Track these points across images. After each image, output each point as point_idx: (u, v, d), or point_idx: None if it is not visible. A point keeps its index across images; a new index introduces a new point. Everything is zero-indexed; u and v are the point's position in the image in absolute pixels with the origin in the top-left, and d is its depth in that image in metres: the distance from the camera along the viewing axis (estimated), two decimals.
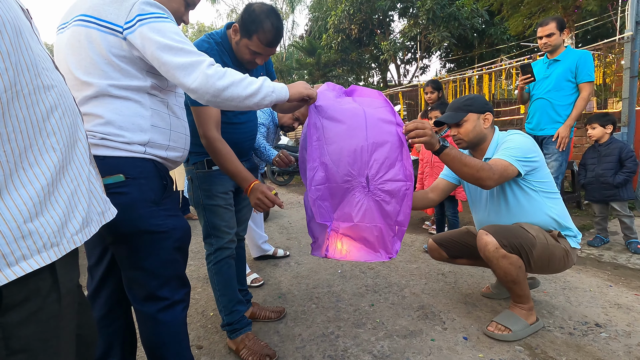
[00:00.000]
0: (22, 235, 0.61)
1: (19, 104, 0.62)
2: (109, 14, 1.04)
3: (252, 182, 1.47)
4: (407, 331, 1.80)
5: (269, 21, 1.41)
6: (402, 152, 1.40)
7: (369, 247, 1.38)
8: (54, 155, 0.68)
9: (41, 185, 0.65)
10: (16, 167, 0.62)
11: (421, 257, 2.80)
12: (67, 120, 0.74)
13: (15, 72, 0.61)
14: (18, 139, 0.62)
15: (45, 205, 0.66)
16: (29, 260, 0.62)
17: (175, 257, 1.18)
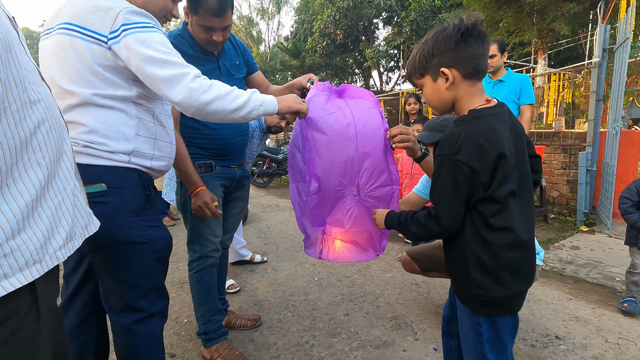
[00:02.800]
0: (4, 253, 0.60)
1: (6, 120, 0.61)
2: (94, 23, 1.03)
3: (199, 187, 1.50)
4: (380, 341, 1.85)
5: None
6: (388, 157, 1.45)
7: (359, 248, 1.45)
8: (39, 171, 0.68)
9: (25, 202, 0.64)
10: (1, 183, 0.61)
11: (396, 266, 2.88)
12: (54, 134, 0.73)
13: (3, 89, 0.61)
14: (6, 156, 0.61)
15: (29, 221, 0.65)
16: (10, 279, 0.61)
17: (155, 268, 1.18)
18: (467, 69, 1.02)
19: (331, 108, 1.46)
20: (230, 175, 1.76)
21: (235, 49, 1.76)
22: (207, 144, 1.64)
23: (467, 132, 0.96)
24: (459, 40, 1.00)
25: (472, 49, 1.01)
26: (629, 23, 3.49)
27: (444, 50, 1.02)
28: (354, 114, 1.46)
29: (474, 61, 1.01)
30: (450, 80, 1.03)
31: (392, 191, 1.44)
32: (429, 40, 1.06)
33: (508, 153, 0.95)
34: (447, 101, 1.09)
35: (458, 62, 1.02)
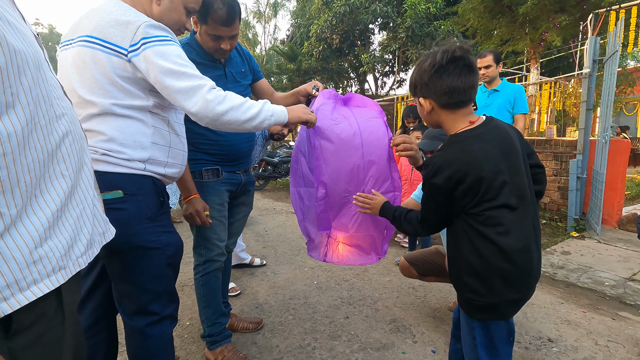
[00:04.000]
0: (33, 260, 0.63)
1: (36, 135, 0.65)
2: (114, 36, 1.07)
3: (193, 195, 1.54)
4: (380, 344, 1.90)
5: (219, 0, 1.45)
6: (392, 165, 1.51)
7: (362, 251, 1.50)
8: (64, 182, 0.71)
9: (51, 211, 0.67)
10: (28, 193, 0.64)
11: (393, 270, 2.94)
12: (76, 146, 0.77)
13: (35, 106, 0.65)
14: (36, 168, 0.65)
15: (54, 229, 0.68)
16: (39, 285, 0.64)
17: (167, 273, 1.22)
18: (442, 101, 1.08)
19: (338, 117, 1.52)
20: (236, 181, 1.80)
21: (241, 56, 1.81)
22: (214, 150, 1.68)
23: (444, 157, 1.04)
24: (432, 75, 1.06)
25: (447, 83, 1.05)
26: (617, 36, 3.62)
27: (421, 83, 1.11)
28: (360, 124, 1.51)
29: (449, 94, 1.06)
30: (427, 109, 1.13)
31: (395, 197, 1.51)
32: (415, 69, 1.15)
33: (489, 172, 1.00)
34: (434, 123, 1.18)
35: (432, 94, 1.10)
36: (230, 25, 1.52)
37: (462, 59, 1.05)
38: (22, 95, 0.61)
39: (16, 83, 0.60)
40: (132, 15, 1.10)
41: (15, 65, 0.60)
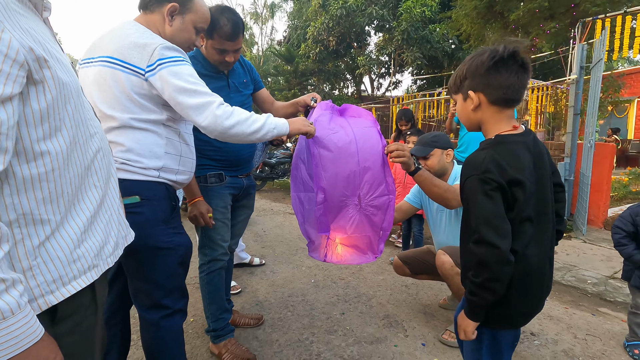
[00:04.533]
0: (73, 259, 0.75)
1: (76, 152, 0.76)
2: (133, 58, 1.19)
3: (197, 198, 1.64)
4: (373, 338, 2.02)
5: (224, 17, 1.56)
6: (386, 170, 1.63)
7: (359, 251, 1.62)
8: (96, 191, 0.83)
9: (86, 217, 0.79)
10: (69, 202, 0.76)
11: (387, 269, 3.06)
12: (105, 160, 0.88)
13: (76, 128, 0.76)
14: (75, 180, 0.76)
15: (88, 233, 0.80)
16: (77, 280, 0.76)
17: (178, 271, 1.33)
18: (494, 96, 1.04)
19: (335, 127, 1.64)
20: (239, 185, 1.91)
21: (243, 68, 1.92)
22: (218, 156, 1.80)
23: (491, 155, 1.00)
24: (490, 67, 1.02)
25: (503, 78, 1.01)
26: (603, 44, 3.77)
27: (474, 75, 1.06)
28: (355, 133, 1.64)
29: (502, 90, 1.03)
30: (475, 103, 1.07)
31: (389, 200, 1.62)
32: (467, 61, 1.10)
33: (526, 180, 0.97)
34: (473, 121, 1.13)
35: (485, 87, 1.04)
36: (235, 40, 1.64)
37: (522, 57, 1.02)
38: (66, 119, 0.73)
39: (62, 110, 0.72)
40: (148, 37, 1.21)
41: (62, 96, 0.71)
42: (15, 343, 0.58)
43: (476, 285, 1.00)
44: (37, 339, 0.61)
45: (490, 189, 0.97)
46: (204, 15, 1.38)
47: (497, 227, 0.97)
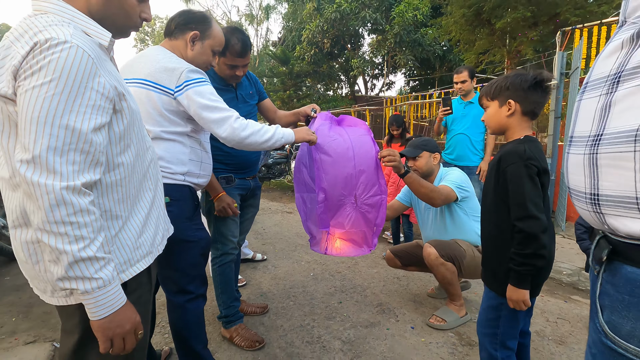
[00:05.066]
0: (137, 246, 0.97)
1: (138, 163, 0.98)
2: (164, 80, 1.40)
3: (221, 193, 1.86)
4: (368, 322, 2.26)
5: (234, 37, 1.78)
6: (379, 172, 1.86)
7: (356, 244, 1.85)
8: (150, 193, 1.05)
9: (144, 214, 1.01)
10: (133, 202, 0.98)
11: (380, 263, 3.30)
12: (156, 168, 1.11)
13: (139, 144, 0.98)
14: (137, 185, 0.98)
15: (145, 226, 1.02)
16: (140, 263, 0.98)
17: (201, 261, 1.55)
18: (526, 107, 1.31)
19: (334, 135, 1.87)
20: (246, 186, 2.13)
21: (249, 80, 2.14)
22: (228, 160, 2.01)
23: (530, 146, 1.25)
24: (531, 85, 1.29)
25: (536, 96, 1.30)
26: (580, 53, 4.05)
27: (517, 88, 1.31)
28: (352, 140, 1.87)
29: (534, 105, 1.31)
30: (511, 110, 1.32)
31: (382, 199, 1.86)
32: (510, 77, 1.35)
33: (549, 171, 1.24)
34: (503, 125, 1.37)
35: (523, 100, 1.31)
36: (244, 56, 1.86)
37: (547, 84, 1.31)
38: (133, 138, 0.95)
39: (132, 131, 0.94)
40: (175, 62, 1.43)
41: (132, 120, 0.93)
42: (112, 305, 0.80)
43: (526, 256, 1.21)
44: (124, 303, 0.84)
45: (533, 173, 1.22)
46: (220, 40, 1.59)
47: (538, 204, 1.21)
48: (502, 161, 1.30)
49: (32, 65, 0.71)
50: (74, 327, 0.89)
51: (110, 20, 0.91)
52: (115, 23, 0.93)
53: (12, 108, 0.75)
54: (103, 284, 0.78)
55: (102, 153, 0.81)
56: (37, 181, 0.71)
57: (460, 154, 3.51)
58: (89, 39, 0.82)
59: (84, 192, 0.76)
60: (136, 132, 0.96)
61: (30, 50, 0.72)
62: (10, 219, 0.83)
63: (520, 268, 1.23)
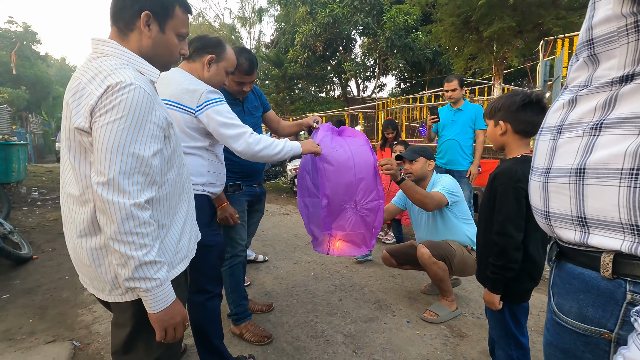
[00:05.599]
0: (177, 251, 1.13)
1: (179, 180, 1.14)
2: (186, 100, 1.56)
3: (225, 203, 1.99)
4: (367, 318, 2.44)
5: (242, 57, 1.93)
6: (377, 179, 2.04)
7: (355, 245, 2.02)
8: (186, 205, 1.21)
9: (181, 223, 1.17)
10: (173, 213, 1.14)
11: (377, 263, 3.49)
12: (189, 182, 1.26)
13: (179, 162, 1.14)
14: (176, 198, 1.14)
15: (182, 234, 1.17)
16: (179, 265, 1.14)
17: (218, 263, 1.71)
18: (517, 127, 1.40)
19: (335, 146, 2.04)
20: (253, 192, 2.29)
21: (254, 93, 2.30)
22: (236, 169, 2.17)
23: (523, 168, 1.35)
24: (520, 106, 1.39)
25: (527, 116, 1.37)
26: (561, 62, 4.29)
27: (507, 109, 1.42)
28: (352, 150, 2.04)
29: (525, 124, 1.39)
30: (503, 130, 1.43)
31: (379, 204, 2.04)
32: (502, 98, 1.47)
33: None
34: (499, 142, 1.49)
35: (512, 120, 1.41)
36: (251, 74, 2.02)
37: (544, 103, 1.37)
38: (176, 158, 1.11)
39: (175, 152, 1.10)
40: (195, 84, 1.59)
41: (177, 143, 1.09)
42: (166, 300, 0.96)
43: (498, 267, 1.39)
44: (174, 299, 1.00)
45: (521, 195, 1.33)
46: (232, 62, 1.76)
47: (519, 224, 1.36)
48: (495, 179, 1.46)
49: (106, 104, 0.87)
50: (127, 321, 1.05)
51: (157, 58, 1.07)
52: (161, 60, 1.09)
53: (86, 138, 0.90)
54: (160, 283, 0.94)
55: (157, 174, 0.97)
56: (112, 199, 0.87)
57: (451, 159, 3.72)
58: (143, 77, 0.98)
59: (145, 207, 0.92)
60: (178, 153, 1.12)
61: (104, 92, 0.87)
62: (77, 230, 0.98)
63: (493, 276, 1.43)
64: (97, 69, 0.92)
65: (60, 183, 1.06)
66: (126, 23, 1.01)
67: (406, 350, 2.07)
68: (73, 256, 1.07)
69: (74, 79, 0.95)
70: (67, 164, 0.99)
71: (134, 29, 1.02)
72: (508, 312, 1.53)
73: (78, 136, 0.91)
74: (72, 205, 1.00)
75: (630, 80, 0.56)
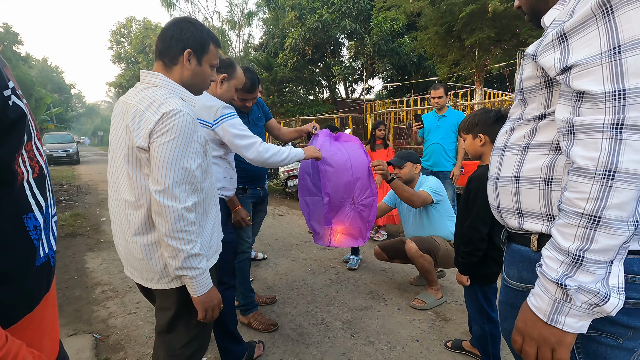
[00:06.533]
0: (210, 246, 1.35)
1: (211, 187, 1.37)
2: (204, 116, 1.79)
3: (238, 207, 2.21)
4: (362, 307, 2.70)
5: (246, 77, 2.13)
6: (370, 178, 2.31)
7: (353, 237, 2.28)
8: (215, 208, 1.44)
9: (212, 222, 1.39)
10: (207, 214, 1.36)
11: (368, 258, 3.76)
12: (216, 188, 1.49)
13: (210, 170, 1.37)
14: (208, 202, 1.37)
15: (213, 232, 1.40)
16: (212, 259, 1.36)
17: (232, 258, 1.95)
18: (494, 138, 1.63)
19: (334, 150, 2.30)
20: (257, 194, 2.53)
21: (257, 105, 2.54)
22: (243, 174, 2.39)
23: None
24: (494, 121, 1.66)
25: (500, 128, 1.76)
26: None
27: (484, 124, 1.68)
28: (349, 153, 2.31)
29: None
30: (483, 142, 1.69)
31: (373, 201, 2.30)
32: (478, 114, 1.72)
33: None
34: (478, 152, 1.73)
35: (489, 132, 1.67)
36: (253, 92, 2.25)
37: None
38: (210, 168, 1.35)
39: (209, 166, 1.33)
40: (212, 101, 1.82)
41: (210, 158, 1.33)
42: (206, 286, 1.20)
43: (465, 253, 1.75)
44: (212, 285, 1.23)
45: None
46: (241, 80, 2.00)
47: (486, 221, 1.67)
48: (471, 182, 1.75)
49: (162, 128, 1.10)
50: (171, 305, 1.27)
51: (194, 86, 1.31)
52: (197, 87, 1.32)
53: (144, 155, 1.13)
54: (202, 272, 1.18)
55: (199, 182, 1.21)
56: (166, 204, 1.10)
57: (436, 161, 4.03)
58: (186, 104, 1.21)
59: (191, 209, 1.16)
60: (210, 164, 1.35)
61: (160, 118, 1.10)
62: (132, 229, 1.20)
63: (462, 260, 1.78)
64: (151, 99, 1.15)
65: (111, 191, 1.28)
66: (171, 59, 1.24)
67: (397, 333, 2.34)
68: (124, 252, 1.28)
69: (130, 105, 1.17)
70: (122, 176, 1.21)
71: (177, 63, 1.25)
72: (480, 293, 1.84)
73: (137, 153, 1.14)
74: (127, 210, 1.22)
75: (544, 118, 0.83)
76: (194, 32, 1.25)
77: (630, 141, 0.61)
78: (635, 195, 0.61)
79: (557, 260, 0.70)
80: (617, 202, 0.62)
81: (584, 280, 0.66)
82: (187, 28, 1.24)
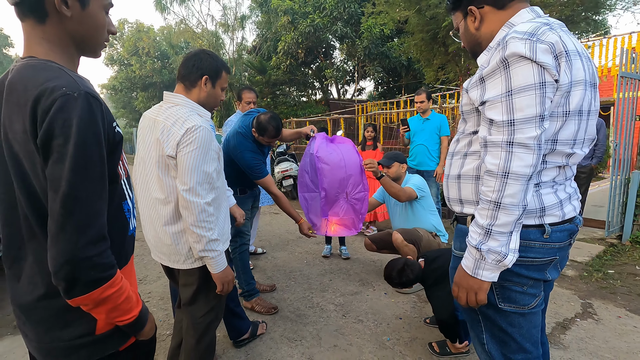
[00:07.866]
0: (223, 234, 1.64)
1: (222, 185, 1.67)
2: None
3: None
4: (353, 292, 3.01)
5: (271, 125, 2.42)
6: (362, 175, 2.62)
7: (347, 228, 2.59)
8: (225, 202, 1.72)
9: (224, 215, 1.68)
10: (220, 208, 1.65)
11: (359, 251, 4.07)
12: (226, 187, 1.78)
13: (222, 172, 1.67)
14: (221, 197, 1.65)
15: (224, 222, 1.69)
16: (225, 243, 1.65)
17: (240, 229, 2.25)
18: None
19: (330, 149, 2.61)
20: (255, 194, 2.82)
21: None
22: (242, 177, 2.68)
23: None
24: None
25: None
26: None
27: None
28: (343, 153, 2.62)
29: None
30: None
31: (365, 195, 2.62)
32: None
33: None
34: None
35: None
36: (277, 137, 2.53)
37: None
38: (221, 172, 1.64)
39: (221, 169, 1.63)
40: None
41: (221, 163, 1.62)
42: (223, 264, 1.49)
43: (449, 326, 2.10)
44: (227, 265, 1.52)
45: None
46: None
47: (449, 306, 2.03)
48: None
49: (187, 140, 1.39)
50: (194, 281, 1.56)
51: (208, 105, 1.60)
52: (210, 105, 1.61)
53: (172, 161, 1.41)
54: (219, 253, 1.47)
55: (215, 182, 1.50)
56: (192, 200, 1.39)
57: (421, 161, 4.36)
58: (203, 119, 1.50)
59: (210, 204, 1.44)
60: (222, 168, 1.65)
61: (185, 132, 1.39)
62: (162, 221, 1.48)
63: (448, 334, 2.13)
64: (176, 116, 1.44)
65: (141, 191, 1.55)
66: (191, 82, 1.54)
67: (384, 313, 2.66)
68: (154, 240, 1.57)
69: (158, 122, 1.45)
70: (153, 178, 1.48)
71: (196, 86, 1.54)
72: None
73: (167, 160, 1.42)
74: (157, 205, 1.50)
75: (476, 133, 1.15)
76: (211, 62, 1.54)
77: (517, 153, 0.93)
78: (522, 188, 0.93)
79: (477, 232, 1.02)
80: (510, 192, 0.94)
81: (492, 245, 0.98)
82: (205, 59, 1.54)
